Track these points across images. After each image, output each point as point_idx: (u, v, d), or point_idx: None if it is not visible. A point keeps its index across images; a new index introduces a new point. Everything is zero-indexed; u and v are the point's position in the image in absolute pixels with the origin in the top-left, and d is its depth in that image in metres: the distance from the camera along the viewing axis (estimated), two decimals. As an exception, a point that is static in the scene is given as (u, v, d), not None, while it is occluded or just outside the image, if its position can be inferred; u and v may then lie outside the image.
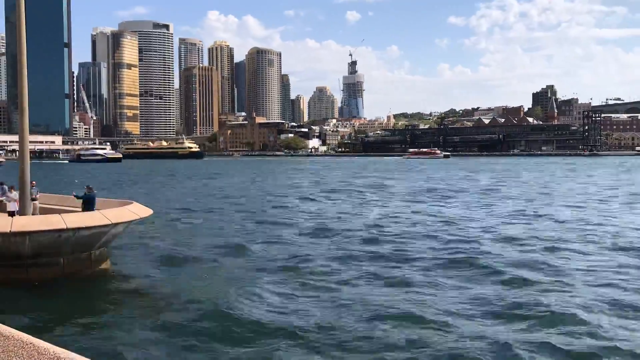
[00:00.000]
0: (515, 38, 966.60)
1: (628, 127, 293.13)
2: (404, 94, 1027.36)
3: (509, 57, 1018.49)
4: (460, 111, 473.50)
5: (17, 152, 21.21)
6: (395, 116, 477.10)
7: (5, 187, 21.66)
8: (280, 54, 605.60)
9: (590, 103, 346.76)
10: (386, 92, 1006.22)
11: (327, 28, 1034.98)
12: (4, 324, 5.22)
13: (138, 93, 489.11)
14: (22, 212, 18.76)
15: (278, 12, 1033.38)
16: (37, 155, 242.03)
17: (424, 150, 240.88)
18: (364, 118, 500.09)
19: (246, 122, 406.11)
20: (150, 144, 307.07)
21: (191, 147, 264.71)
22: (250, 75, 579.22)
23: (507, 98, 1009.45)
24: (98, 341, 12.17)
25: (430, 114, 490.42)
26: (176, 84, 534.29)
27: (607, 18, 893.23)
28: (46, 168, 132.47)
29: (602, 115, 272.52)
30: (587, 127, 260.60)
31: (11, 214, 19.18)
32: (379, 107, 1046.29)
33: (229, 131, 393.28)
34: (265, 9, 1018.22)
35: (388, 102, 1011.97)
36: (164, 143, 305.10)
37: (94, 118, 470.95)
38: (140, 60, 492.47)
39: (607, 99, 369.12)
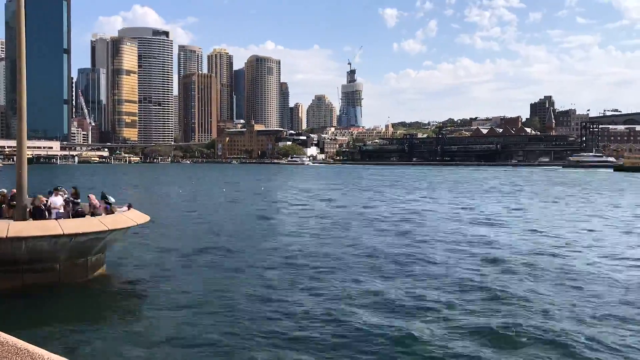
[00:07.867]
0: (440, 40, 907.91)
1: (625, 138, 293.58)
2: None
3: (447, 64, 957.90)
4: (459, 121, 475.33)
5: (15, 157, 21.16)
6: (393, 125, 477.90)
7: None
8: (279, 62, 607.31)
9: (588, 114, 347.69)
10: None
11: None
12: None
13: (137, 99, 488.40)
14: (18, 218, 18.65)
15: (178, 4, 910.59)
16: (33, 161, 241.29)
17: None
18: (363, 127, 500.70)
19: (245, 129, 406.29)
20: None
21: None
22: (249, 82, 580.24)
23: (455, 108, 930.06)
24: (93, 348, 12.09)
25: (429, 124, 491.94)
26: (175, 90, 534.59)
27: (530, 13, 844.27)
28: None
29: (600, 126, 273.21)
30: (584, 138, 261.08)
31: None
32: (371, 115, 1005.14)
33: (227, 138, 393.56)
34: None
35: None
36: None
37: (93, 124, 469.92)
38: (139, 66, 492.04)
39: (604, 110, 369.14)
